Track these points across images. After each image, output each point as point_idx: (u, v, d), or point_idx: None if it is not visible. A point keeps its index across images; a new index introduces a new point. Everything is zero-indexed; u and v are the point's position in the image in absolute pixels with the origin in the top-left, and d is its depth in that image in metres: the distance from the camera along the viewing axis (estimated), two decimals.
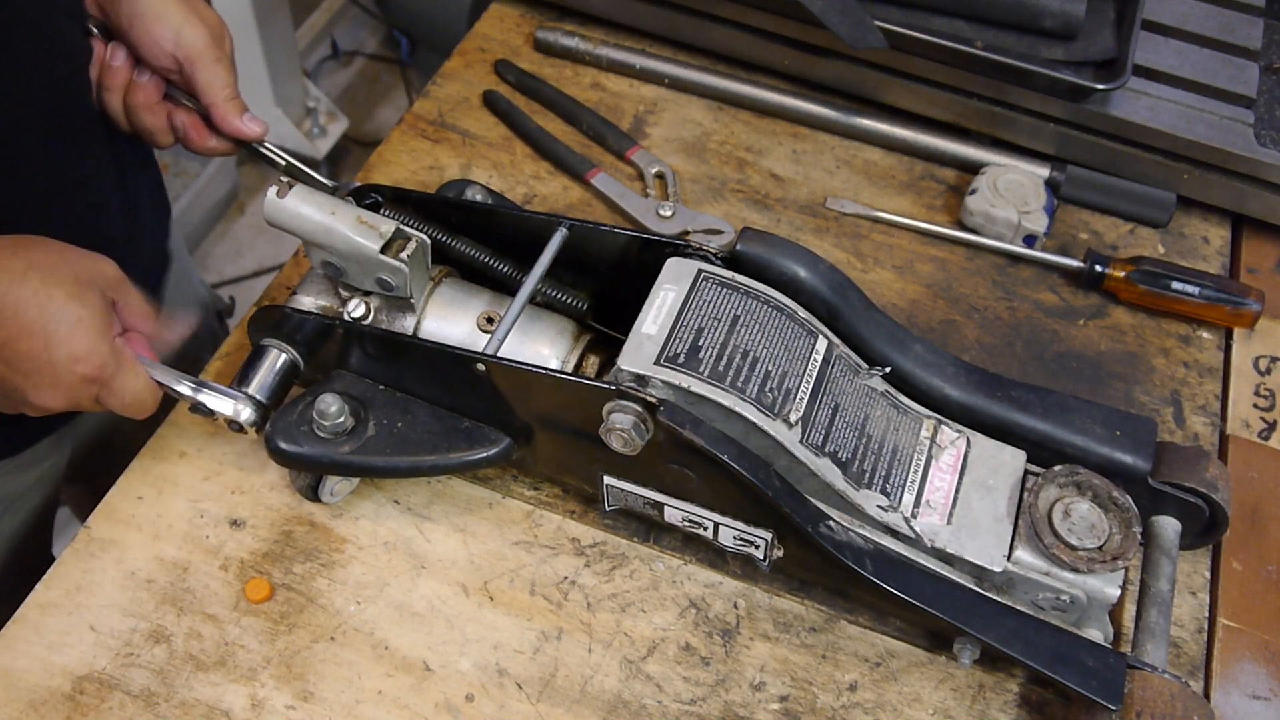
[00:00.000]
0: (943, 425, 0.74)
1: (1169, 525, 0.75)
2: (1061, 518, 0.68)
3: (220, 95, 0.79)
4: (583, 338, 0.75)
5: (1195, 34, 1.05)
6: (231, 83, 0.79)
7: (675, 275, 0.71)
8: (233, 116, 0.79)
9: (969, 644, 0.69)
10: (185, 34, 0.77)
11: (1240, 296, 0.90)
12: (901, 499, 0.70)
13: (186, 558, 0.75)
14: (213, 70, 0.78)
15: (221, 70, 0.78)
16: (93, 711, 0.68)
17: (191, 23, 0.78)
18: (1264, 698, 0.74)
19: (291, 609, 0.73)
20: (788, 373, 0.68)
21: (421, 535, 0.77)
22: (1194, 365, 0.91)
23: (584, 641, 0.73)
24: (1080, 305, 0.94)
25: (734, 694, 0.72)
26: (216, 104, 0.79)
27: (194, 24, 0.78)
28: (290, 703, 0.69)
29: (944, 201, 1.01)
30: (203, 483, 0.78)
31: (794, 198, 1.00)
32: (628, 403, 0.66)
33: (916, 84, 1.02)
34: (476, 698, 0.70)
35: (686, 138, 1.04)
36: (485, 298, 0.76)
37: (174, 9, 0.78)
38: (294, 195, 0.71)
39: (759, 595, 0.76)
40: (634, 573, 0.76)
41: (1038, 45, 1.01)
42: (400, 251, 0.70)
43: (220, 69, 0.78)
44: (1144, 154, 0.99)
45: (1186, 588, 0.78)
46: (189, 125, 0.80)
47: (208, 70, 0.78)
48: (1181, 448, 0.75)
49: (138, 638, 0.71)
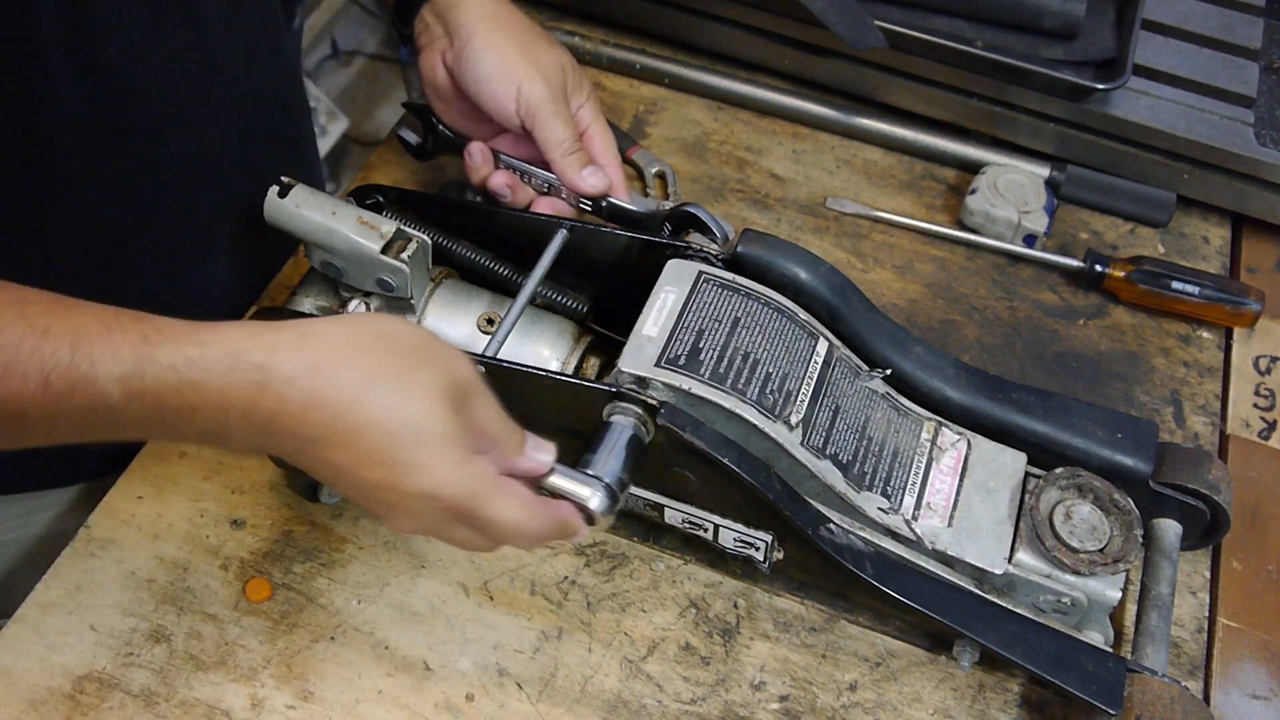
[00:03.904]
0: (943, 427, 0.74)
1: (1170, 528, 0.75)
2: (1062, 520, 0.69)
3: (556, 151, 0.78)
4: (583, 339, 0.75)
5: (1195, 34, 1.05)
6: (569, 137, 0.79)
7: (676, 277, 0.71)
8: (569, 172, 0.79)
9: (969, 647, 0.69)
10: (525, 90, 0.78)
11: (1240, 296, 0.91)
12: (902, 501, 0.70)
13: (186, 557, 0.75)
14: (549, 126, 0.78)
15: (558, 125, 0.78)
16: (93, 711, 0.68)
17: (530, 77, 0.78)
18: (1264, 697, 0.74)
19: (291, 609, 0.73)
20: (788, 375, 0.68)
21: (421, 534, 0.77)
22: (1194, 365, 0.91)
23: (584, 641, 0.73)
24: (1080, 305, 0.94)
25: (734, 694, 0.72)
26: (554, 160, 0.79)
27: (533, 78, 0.78)
28: (290, 702, 0.69)
29: (944, 201, 1.01)
30: (203, 482, 0.78)
31: (794, 197, 1.00)
32: (628, 405, 0.66)
33: (916, 84, 1.02)
34: (476, 697, 0.70)
35: (686, 137, 1.04)
36: (485, 299, 0.76)
37: (516, 65, 0.78)
38: (294, 195, 0.71)
39: (759, 595, 0.76)
40: (634, 572, 0.76)
41: (1038, 45, 1.01)
42: (401, 252, 0.70)
43: (557, 123, 0.78)
44: (1144, 154, 0.99)
45: (1186, 587, 0.78)
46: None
47: (544, 126, 0.78)
48: (1183, 449, 0.75)
49: (138, 637, 0.71)
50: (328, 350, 0.55)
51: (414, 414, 0.55)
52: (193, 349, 0.53)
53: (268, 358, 0.53)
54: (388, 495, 0.56)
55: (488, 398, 0.59)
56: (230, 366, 0.53)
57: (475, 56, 0.79)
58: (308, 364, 0.54)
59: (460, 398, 0.57)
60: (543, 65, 0.79)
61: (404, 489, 0.56)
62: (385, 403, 0.54)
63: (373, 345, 0.56)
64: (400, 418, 0.55)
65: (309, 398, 0.54)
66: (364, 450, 0.55)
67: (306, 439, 0.55)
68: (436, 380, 0.56)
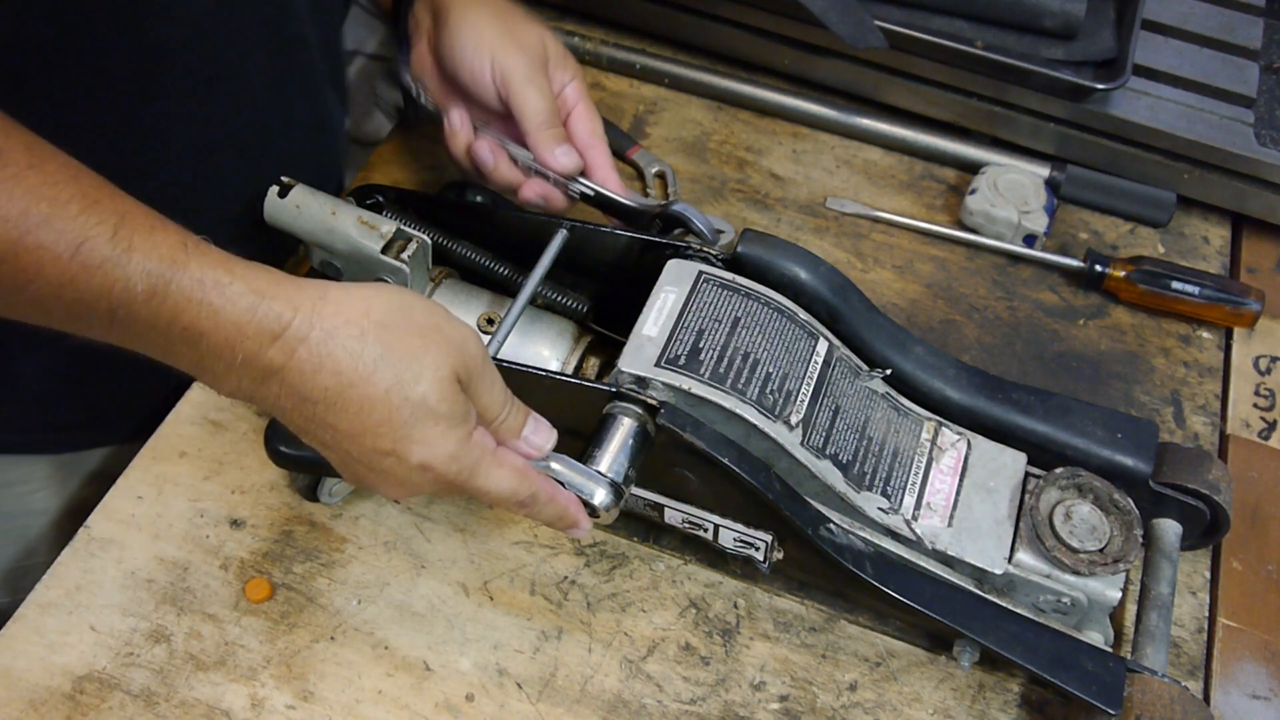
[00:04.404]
0: (943, 427, 0.74)
1: (1170, 528, 0.75)
2: (1062, 520, 0.69)
3: (530, 123, 0.75)
4: (583, 339, 0.75)
5: (1195, 34, 1.05)
6: (544, 109, 0.75)
7: (676, 277, 0.71)
8: (542, 147, 0.76)
9: (969, 647, 0.69)
10: (499, 61, 0.75)
11: (1240, 296, 0.91)
12: (902, 501, 0.70)
13: (186, 557, 0.75)
14: (523, 96, 0.75)
15: (533, 95, 0.75)
16: (93, 711, 0.68)
17: (505, 49, 0.75)
18: (1264, 697, 0.74)
19: (291, 609, 0.73)
20: (788, 375, 0.68)
21: (421, 535, 0.77)
22: (1194, 365, 0.91)
23: (584, 641, 0.73)
24: (1080, 305, 0.94)
25: (734, 694, 0.72)
26: (528, 133, 0.76)
27: (507, 50, 0.75)
28: (290, 702, 0.69)
29: (944, 201, 1.01)
30: (203, 483, 0.78)
31: (794, 197, 1.00)
32: (628, 405, 0.66)
33: (916, 84, 1.02)
34: (476, 697, 0.70)
35: (686, 137, 1.04)
36: (485, 299, 0.76)
37: (490, 37, 0.75)
38: (294, 195, 0.71)
39: (759, 595, 0.76)
40: (634, 572, 0.76)
41: (1038, 45, 1.01)
42: (401, 252, 0.70)
43: (532, 93, 0.75)
44: (1144, 154, 0.99)
45: (1186, 587, 0.78)
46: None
47: (518, 97, 0.75)
48: (1183, 449, 0.75)
49: (138, 637, 0.71)
50: (345, 319, 0.56)
51: (421, 393, 0.56)
52: (224, 274, 0.54)
53: (289, 310, 0.55)
54: (384, 463, 0.58)
55: (493, 378, 0.61)
56: (252, 305, 0.54)
57: (453, 32, 0.77)
58: (325, 329, 0.55)
59: (468, 377, 0.59)
60: (520, 37, 0.76)
61: (402, 460, 0.58)
62: (396, 380, 0.56)
63: (388, 319, 0.57)
64: (409, 395, 0.56)
65: (321, 362, 0.55)
66: (368, 422, 0.56)
67: (308, 398, 0.56)
68: (447, 360, 0.57)
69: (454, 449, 0.58)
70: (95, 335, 0.55)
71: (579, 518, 0.64)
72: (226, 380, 0.56)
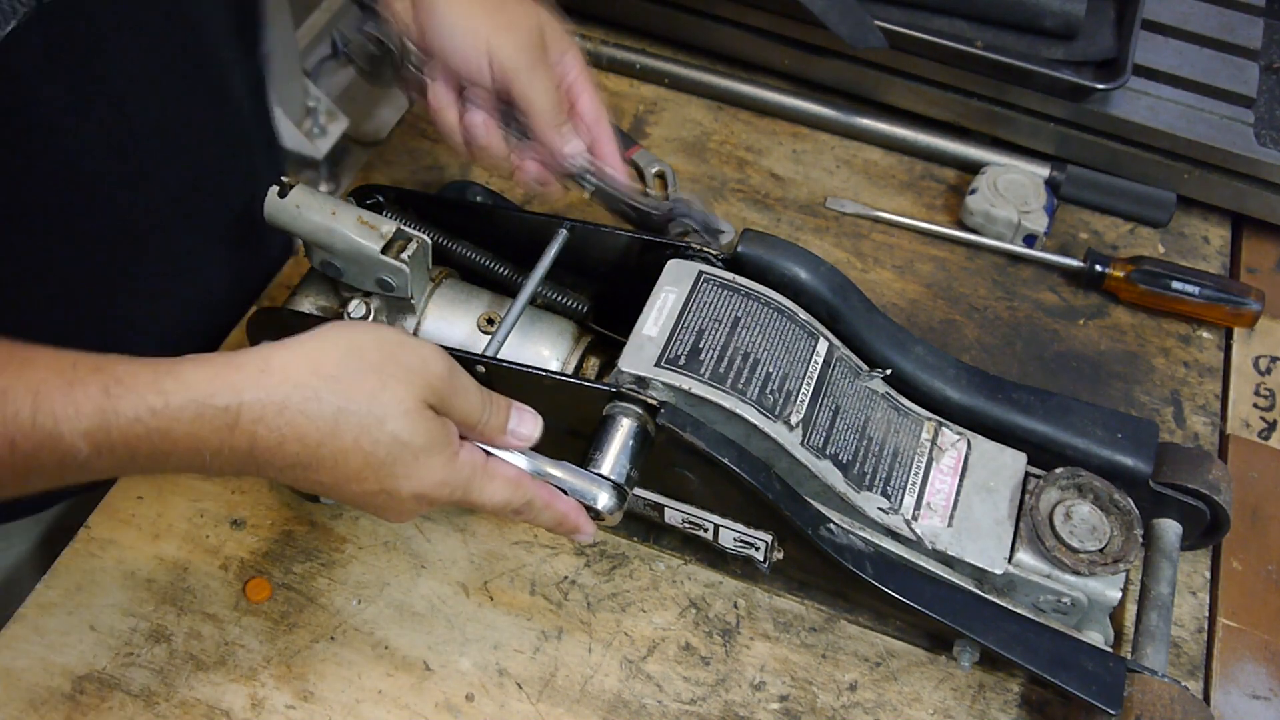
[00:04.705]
0: (943, 427, 0.74)
1: (1170, 528, 0.75)
2: (1063, 520, 0.69)
3: (540, 120, 0.73)
4: (583, 339, 0.75)
5: (1195, 34, 1.05)
6: (552, 107, 0.73)
7: (676, 277, 0.71)
8: (555, 144, 0.73)
9: (969, 647, 0.69)
10: (496, 49, 0.71)
11: (1240, 296, 0.91)
12: (902, 501, 0.70)
13: (186, 557, 0.75)
14: (530, 92, 0.72)
15: (539, 90, 0.72)
16: (93, 711, 0.68)
17: (500, 34, 0.71)
18: (1264, 697, 0.74)
19: (291, 608, 0.73)
20: (789, 375, 0.68)
21: (421, 535, 0.77)
22: (1194, 365, 0.91)
23: (584, 641, 0.73)
24: (1080, 305, 0.94)
25: (734, 694, 0.72)
26: (540, 132, 0.73)
27: (502, 34, 0.71)
28: (290, 702, 0.69)
29: (944, 201, 1.01)
30: (203, 482, 0.78)
31: (794, 197, 1.00)
32: (628, 405, 0.66)
33: (916, 84, 1.02)
34: (476, 697, 0.70)
35: (686, 137, 1.04)
36: (485, 299, 0.76)
37: (482, 22, 0.72)
38: (294, 195, 0.71)
39: (759, 595, 0.76)
40: (634, 572, 0.76)
41: (1038, 45, 1.01)
42: (401, 252, 0.70)
43: (538, 87, 0.72)
44: (1144, 154, 0.99)
45: (1186, 587, 0.78)
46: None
47: (524, 92, 0.72)
48: (1183, 449, 0.75)
49: (138, 637, 0.71)
50: (293, 385, 0.55)
51: (392, 432, 0.55)
52: (156, 398, 0.53)
53: (234, 399, 0.54)
54: (378, 500, 0.58)
55: (465, 387, 0.59)
56: (196, 413, 0.53)
57: (438, 13, 0.72)
58: (276, 404, 0.54)
59: (437, 398, 0.57)
60: (513, 15, 0.73)
61: (394, 495, 0.58)
62: (361, 428, 0.55)
63: (338, 369, 0.55)
64: (380, 437, 0.55)
65: (284, 433, 0.54)
66: (349, 471, 0.56)
67: (286, 465, 0.56)
68: (409, 391, 0.56)
69: (441, 475, 0.58)
70: (87, 482, 0.55)
71: (580, 522, 0.63)
72: (212, 470, 0.56)
